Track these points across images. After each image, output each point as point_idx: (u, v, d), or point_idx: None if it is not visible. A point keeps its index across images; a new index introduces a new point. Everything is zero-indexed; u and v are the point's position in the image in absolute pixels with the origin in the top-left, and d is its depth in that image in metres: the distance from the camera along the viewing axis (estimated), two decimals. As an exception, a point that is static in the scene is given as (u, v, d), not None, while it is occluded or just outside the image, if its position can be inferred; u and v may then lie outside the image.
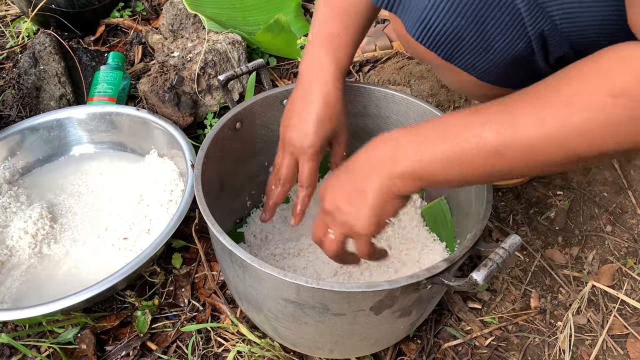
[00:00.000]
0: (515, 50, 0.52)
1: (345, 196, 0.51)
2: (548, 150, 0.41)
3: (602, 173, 0.95)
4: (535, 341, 0.75)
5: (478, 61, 0.55)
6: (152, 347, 0.72)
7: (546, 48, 0.52)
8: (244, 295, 0.63)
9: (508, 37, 0.51)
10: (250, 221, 0.81)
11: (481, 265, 0.51)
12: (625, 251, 0.85)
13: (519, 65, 0.54)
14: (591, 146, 0.40)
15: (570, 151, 0.41)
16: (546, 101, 0.41)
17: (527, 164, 0.43)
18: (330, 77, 0.62)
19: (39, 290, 0.74)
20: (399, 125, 0.79)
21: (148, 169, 0.87)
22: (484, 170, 0.45)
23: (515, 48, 0.52)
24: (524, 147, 0.42)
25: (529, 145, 0.41)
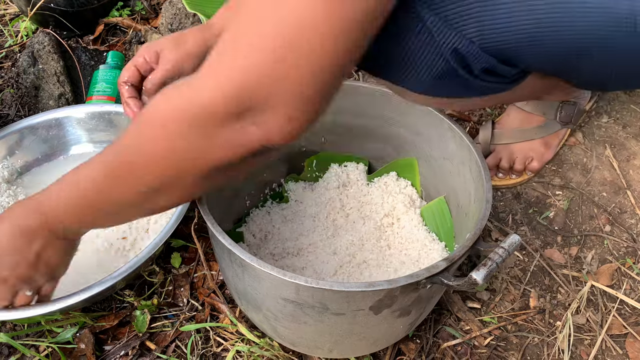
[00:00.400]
0: (436, 67, 0.55)
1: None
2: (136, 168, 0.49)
3: (602, 173, 0.95)
4: (534, 341, 0.75)
5: (407, 77, 0.57)
6: (151, 347, 0.72)
7: (466, 63, 0.55)
8: (243, 294, 0.63)
9: (427, 56, 0.54)
10: (250, 221, 0.81)
11: (480, 265, 0.51)
12: (624, 251, 0.85)
13: (448, 78, 0.57)
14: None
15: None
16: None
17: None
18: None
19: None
20: (398, 124, 0.79)
21: None
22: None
23: (436, 65, 0.55)
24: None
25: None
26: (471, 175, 0.68)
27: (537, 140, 0.90)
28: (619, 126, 1.01)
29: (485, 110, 1.05)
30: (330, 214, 0.81)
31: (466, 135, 0.69)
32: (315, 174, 0.86)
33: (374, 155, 0.85)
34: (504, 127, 0.92)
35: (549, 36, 0.52)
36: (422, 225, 0.79)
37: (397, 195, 0.81)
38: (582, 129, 1.01)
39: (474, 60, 0.54)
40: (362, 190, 0.84)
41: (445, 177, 0.76)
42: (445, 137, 0.73)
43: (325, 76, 0.41)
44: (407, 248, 0.76)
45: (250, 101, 0.41)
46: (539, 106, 0.89)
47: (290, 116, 0.43)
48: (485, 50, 0.53)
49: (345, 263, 0.74)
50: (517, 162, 0.90)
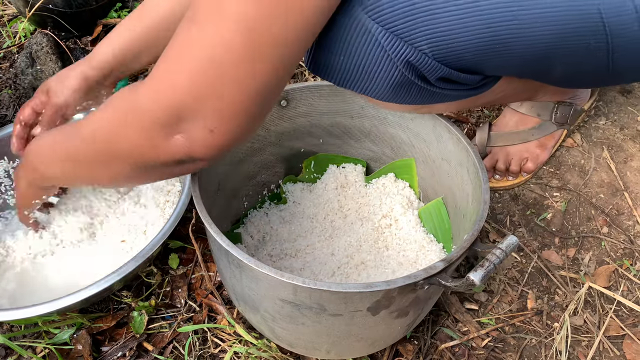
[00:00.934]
0: (393, 77, 0.56)
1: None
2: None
3: (599, 175, 0.95)
4: (532, 342, 0.75)
5: (368, 88, 0.58)
6: (148, 348, 0.72)
7: (421, 73, 0.56)
8: (241, 295, 0.63)
9: (382, 68, 0.55)
10: (248, 222, 0.81)
11: (478, 266, 0.51)
12: (621, 252, 0.85)
13: (407, 87, 0.58)
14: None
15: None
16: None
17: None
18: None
19: (34, 291, 0.74)
20: (396, 125, 0.79)
21: None
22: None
23: (392, 76, 0.56)
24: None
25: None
26: (469, 177, 0.68)
27: (532, 142, 0.90)
28: (616, 128, 1.02)
29: (482, 112, 1.05)
30: (328, 215, 0.81)
31: (464, 137, 0.69)
32: (313, 175, 0.86)
33: (372, 156, 0.85)
34: (500, 129, 0.92)
35: (504, 43, 0.52)
36: (420, 227, 0.79)
37: (395, 196, 0.81)
38: (579, 131, 1.01)
39: (428, 71, 0.54)
40: (360, 192, 0.84)
41: (443, 178, 0.76)
42: (443, 139, 0.73)
43: (244, 97, 0.46)
44: (405, 249, 0.76)
45: (179, 113, 0.46)
46: (534, 107, 0.90)
47: (212, 130, 0.47)
48: (439, 61, 0.54)
49: (343, 264, 0.74)
50: (513, 164, 0.90)
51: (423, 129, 0.76)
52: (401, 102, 0.60)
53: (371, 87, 0.58)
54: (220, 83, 0.44)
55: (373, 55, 0.54)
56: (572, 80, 0.64)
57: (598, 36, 0.53)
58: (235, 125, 0.47)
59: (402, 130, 0.79)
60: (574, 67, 0.58)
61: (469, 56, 0.53)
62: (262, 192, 0.85)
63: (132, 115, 0.49)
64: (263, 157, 0.81)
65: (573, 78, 0.63)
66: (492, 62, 0.55)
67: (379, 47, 0.53)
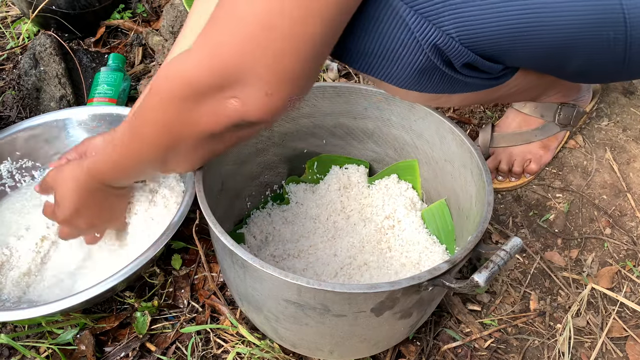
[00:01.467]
0: (417, 62, 0.56)
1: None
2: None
3: (602, 176, 0.95)
4: (534, 343, 0.75)
5: (391, 73, 0.58)
6: (151, 348, 0.72)
7: (447, 58, 0.55)
8: (245, 296, 0.63)
9: (407, 51, 0.55)
10: (251, 222, 0.81)
11: (482, 267, 0.51)
12: (624, 254, 0.85)
13: (430, 73, 0.57)
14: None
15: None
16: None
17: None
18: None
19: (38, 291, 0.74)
20: (399, 127, 0.79)
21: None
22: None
23: (417, 60, 0.56)
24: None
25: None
26: (472, 178, 0.68)
27: (535, 143, 0.90)
28: (619, 129, 1.02)
29: (485, 113, 1.05)
30: (331, 216, 0.82)
31: (467, 138, 0.69)
32: (316, 176, 0.86)
33: (375, 157, 0.85)
34: (502, 130, 0.92)
35: (532, 30, 0.53)
36: (423, 228, 0.79)
37: (398, 197, 0.81)
38: (582, 132, 1.01)
39: (454, 56, 0.54)
40: (362, 193, 0.84)
41: (447, 179, 0.76)
42: (446, 140, 0.73)
43: (299, 58, 0.46)
44: (408, 250, 0.76)
45: (232, 76, 0.46)
46: (538, 108, 0.90)
47: (267, 92, 0.47)
48: (466, 46, 0.53)
49: (345, 265, 0.74)
50: (516, 165, 0.90)
51: (426, 130, 0.76)
52: (422, 90, 0.60)
53: (394, 72, 0.57)
54: (275, 45, 0.44)
55: (399, 38, 0.53)
56: (587, 73, 0.64)
57: (618, 28, 0.53)
58: (290, 87, 0.47)
59: (405, 131, 0.79)
60: (592, 59, 0.58)
61: (495, 43, 0.53)
62: (265, 192, 0.85)
63: (179, 87, 0.48)
64: (266, 158, 0.81)
65: (588, 72, 0.63)
66: (516, 51, 0.55)
67: (406, 29, 0.53)
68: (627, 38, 0.55)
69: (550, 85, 0.82)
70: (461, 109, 1.05)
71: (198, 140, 0.54)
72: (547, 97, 0.87)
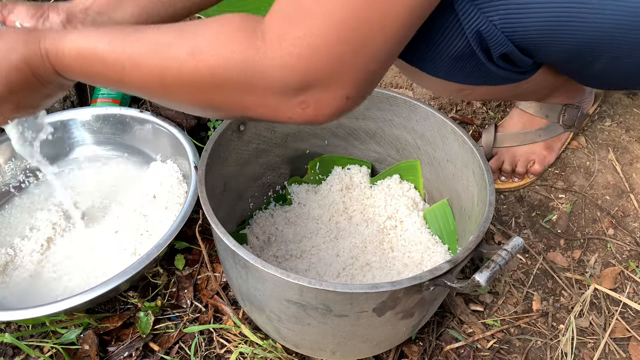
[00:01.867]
0: (456, 47, 0.55)
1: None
2: (147, 73, 0.47)
3: (605, 176, 0.95)
4: (537, 344, 0.75)
5: (425, 58, 0.58)
6: (154, 348, 0.73)
7: (486, 46, 0.55)
8: (247, 296, 0.63)
9: (448, 35, 0.54)
10: (253, 223, 0.81)
11: (484, 267, 0.51)
12: (627, 254, 0.85)
13: (464, 61, 0.57)
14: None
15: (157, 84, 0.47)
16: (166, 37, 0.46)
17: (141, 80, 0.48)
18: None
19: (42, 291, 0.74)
20: (401, 127, 0.79)
21: (152, 172, 0.88)
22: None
23: (455, 46, 0.55)
24: (134, 62, 0.47)
25: (137, 61, 0.47)
26: (474, 178, 0.68)
27: (539, 143, 0.90)
28: (622, 130, 1.01)
29: (488, 113, 1.05)
30: (333, 216, 0.82)
31: (469, 138, 0.69)
32: (319, 177, 0.86)
33: (377, 158, 0.86)
34: (507, 130, 0.92)
35: (570, 25, 0.52)
36: (425, 228, 0.79)
37: (400, 198, 0.81)
38: (585, 133, 1.01)
39: (495, 44, 0.54)
40: (365, 193, 0.84)
41: (448, 179, 0.76)
42: (448, 140, 0.73)
43: (383, 59, 0.44)
44: (410, 251, 0.76)
45: (317, 80, 0.43)
46: (542, 109, 0.90)
47: (348, 95, 0.44)
48: (506, 35, 0.54)
49: (348, 265, 0.74)
50: (519, 165, 0.90)
51: (428, 130, 0.76)
52: (450, 79, 0.60)
53: (428, 57, 0.57)
54: (365, 50, 0.42)
55: (442, 20, 0.53)
56: (607, 76, 0.64)
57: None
58: (368, 89, 0.46)
59: (407, 132, 0.79)
60: (616, 61, 0.58)
61: (534, 35, 0.53)
62: (267, 193, 0.86)
63: (255, 75, 0.43)
64: (268, 159, 0.82)
65: (608, 74, 0.63)
66: (551, 45, 0.55)
67: (451, 13, 0.52)
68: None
69: (559, 86, 0.82)
70: (463, 108, 1.05)
71: (244, 114, 0.48)
72: (552, 98, 0.87)
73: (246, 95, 0.45)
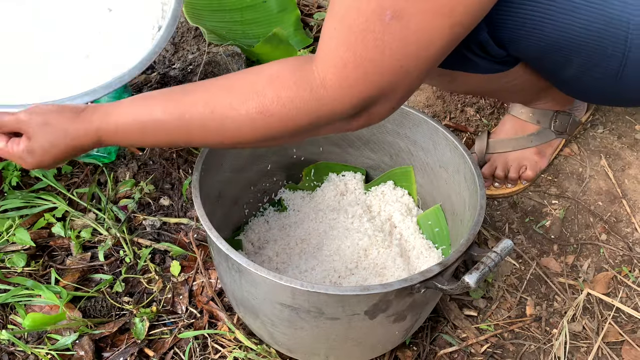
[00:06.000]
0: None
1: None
2: (203, 131, 0.55)
3: (597, 182, 0.96)
4: (530, 348, 0.75)
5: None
6: (149, 354, 0.73)
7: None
8: (241, 300, 0.64)
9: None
10: (248, 229, 0.82)
11: (473, 269, 0.52)
12: (620, 259, 0.86)
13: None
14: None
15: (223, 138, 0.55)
16: (215, 96, 0.54)
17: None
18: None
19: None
20: (394, 134, 0.80)
21: None
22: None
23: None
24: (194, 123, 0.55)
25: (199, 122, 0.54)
26: (466, 183, 0.69)
27: (531, 149, 0.91)
28: (614, 136, 1.03)
29: (481, 121, 1.06)
30: (328, 222, 0.82)
31: (460, 144, 0.70)
32: (313, 183, 0.87)
33: (371, 164, 0.86)
34: (498, 136, 0.93)
35: (542, 25, 0.56)
36: (419, 233, 0.80)
37: (394, 204, 0.82)
38: (577, 140, 1.02)
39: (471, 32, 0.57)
40: (359, 200, 0.85)
41: (441, 185, 0.77)
42: (440, 146, 0.74)
43: (427, 73, 0.51)
44: (404, 256, 0.77)
45: (372, 102, 0.50)
46: (534, 115, 0.91)
47: (394, 107, 0.53)
48: (483, 26, 0.57)
49: (342, 271, 0.74)
50: (512, 171, 0.91)
51: (421, 136, 0.77)
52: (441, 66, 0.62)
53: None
54: (412, 69, 0.48)
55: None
56: (580, 84, 0.66)
57: (617, 45, 0.57)
58: (408, 98, 0.54)
59: (400, 138, 0.80)
60: (587, 69, 0.61)
61: (509, 27, 0.57)
62: (262, 199, 0.86)
63: (319, 114, 0.50)
64: (263, 166, 0.83)
65: (581, 82, 0.65)
66: (522, 39, 0.58)
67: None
68: (623, 58, 0.57)
69: (544, 89, 0.83)
70: (457, 116, 1.06)
71: (295, 138, 0.55)
72: (541, 103, 0.89)
73: (317, 130, 0.54)
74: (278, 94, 0.50)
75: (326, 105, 0.50)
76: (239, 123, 0.52)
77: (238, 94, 0.52)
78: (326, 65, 0.49)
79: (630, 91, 0.64)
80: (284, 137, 0.54)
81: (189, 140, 0.57)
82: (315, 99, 0.49)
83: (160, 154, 0.94)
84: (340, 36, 0.47)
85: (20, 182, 0.87)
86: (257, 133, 0.53)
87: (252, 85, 0.52)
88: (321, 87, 0.49)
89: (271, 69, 0.52)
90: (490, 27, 0.57)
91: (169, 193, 0.91)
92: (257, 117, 0.51)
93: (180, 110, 0.54)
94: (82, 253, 0.83)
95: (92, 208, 0.87)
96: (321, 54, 0.49)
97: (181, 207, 0.89)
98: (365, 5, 0.45)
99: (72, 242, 0.83)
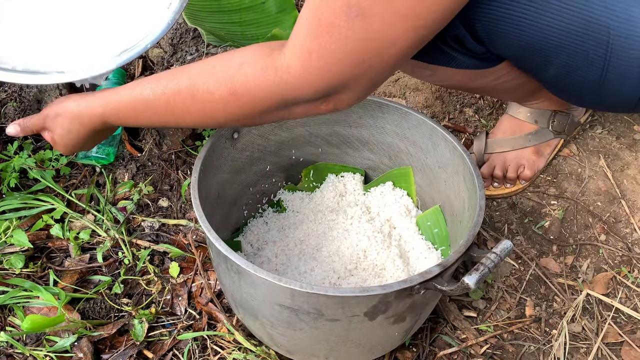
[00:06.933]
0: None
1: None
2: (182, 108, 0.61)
3: (596, 183, 0.96)
4: (530, 349, 0.75)
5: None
6: (148, 356, 0.73)
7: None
8: (240, 302, 0.64)
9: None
10: (247, 230, 0.82)
11: (473, 270, 0.52)
12: (619, 260, 0.86)
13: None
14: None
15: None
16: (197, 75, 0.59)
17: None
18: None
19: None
20: (393, 134, 0.80)
21: None
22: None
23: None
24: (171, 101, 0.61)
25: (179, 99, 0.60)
26: (465, 184, 0.69)
27: (529, 149, 0.91)
28: (612, 137, 1.03)
29: (480, 121, 1.06)
30: (327, 224, 0.82)
31: (459, 144, 0.70)
32: (313, 184, 0.87)
33: (370, 165, 0.86)
34: (497, 136, 0.93)
35: (518, 23, 0.56)
36: (418, 234, 0.79)
37: (393, 204, 0.82)
38: (576, 141, 1.02)
39: (447, 25, 0.57)
40: (358, 200, 0.84)
41: (440, 186, 0.77)
42: (439, 147, 0.74)
43: (394, 68, 0.54)
44: (404, 257, 0.77)
45: (336, 90, 0.54)
46: (532, 114, 0.91)
47: (359, 97, 0.56)
48: (460, 20, 0.58)
49: (341, 272, 0.74)
50: (510, 170, 0.91)
51: (420, 137, 0.77)
52: (415, 57, 0.63)
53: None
54: (380, 64, 0.52)
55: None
56: (563, 86, 0.66)
57: (599, 49, 0.56)
58: (375, 89, 0.57)
59: (400, 139, 0.80)
60: (568, 70, 0.61)
61: (485, 23, 0.58)
62: (261, 201, 0.86)
63: (284, 96, 0.55)
64: (262, 167, 0.82)
65: (564, 83, 0.65)
66: (501, 36, 0.59)
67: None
68: (605, 63, 0.57)
69: (538, 88, 0.83)
70: (456, 116, 1.06)
71: (264, 121, 0.60)
72: (537, 102, 0.89)
73: (286, 111, 0.58)
74: (246, 78, 0.55)
75: (290, 89, 0.54)
76: (215, 104, 0.58)
77: (214, 78, 0.58)
78: (293, 52, 0.52)
79: (614, 96, 0.64)
80: (254, 117, 0.59)
81: (177, 121, 0.63)
82: (279, 84, 0.54)
83: (159, 155, 0.94)
84: (309, 26, 0.50)
85: (18, 184, 0.87)
86: (231, 114, 0.58)
87: (226, 69, 0.57)
88: (286, 72, 0.53)
89: (243, 53, 0.57)
90: (464, 21, 0.58)
91: (167, 194, 0.91)
92: (229, 99, 0.57)
93: (167, 96, 0.61)
94: (81, 254, 0.83)
95: (91, 209, 0.87)
96: (291, 41, 0.53)
97: (180, 209, 0.89)
98: (334, 0, 0.48)
99: (71, 243, 0.83)
